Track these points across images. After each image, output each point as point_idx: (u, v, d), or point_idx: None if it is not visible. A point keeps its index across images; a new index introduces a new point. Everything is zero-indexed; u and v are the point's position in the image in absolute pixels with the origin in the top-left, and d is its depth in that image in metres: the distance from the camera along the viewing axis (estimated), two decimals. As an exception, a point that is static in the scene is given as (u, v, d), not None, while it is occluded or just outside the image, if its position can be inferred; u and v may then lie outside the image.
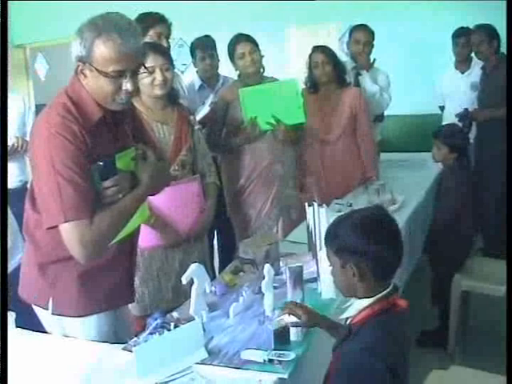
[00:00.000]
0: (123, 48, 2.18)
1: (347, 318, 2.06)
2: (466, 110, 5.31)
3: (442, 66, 6.19)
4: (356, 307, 1.99)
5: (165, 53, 3.36)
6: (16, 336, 2.48)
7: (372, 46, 5.28)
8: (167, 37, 3.87)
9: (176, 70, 3.98)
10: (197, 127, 3.52)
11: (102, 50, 2.17)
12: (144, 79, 3.07)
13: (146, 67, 2.37)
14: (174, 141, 3.32)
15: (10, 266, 3.14)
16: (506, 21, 4.76)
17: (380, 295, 1.95)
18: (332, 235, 2.00)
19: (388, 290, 1.96)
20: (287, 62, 7.02)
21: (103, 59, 2.18)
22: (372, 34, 5.27)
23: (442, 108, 6.20)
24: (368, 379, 1.85)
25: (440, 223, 3.99)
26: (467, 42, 5.64)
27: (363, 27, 5.30)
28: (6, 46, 3.53)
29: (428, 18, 6.51)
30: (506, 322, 2.67)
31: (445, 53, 6.03)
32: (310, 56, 4.62)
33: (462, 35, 5.70)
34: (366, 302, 1.96)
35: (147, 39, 3.75)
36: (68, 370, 2.21)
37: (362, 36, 5.25)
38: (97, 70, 2.19)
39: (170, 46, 3.98)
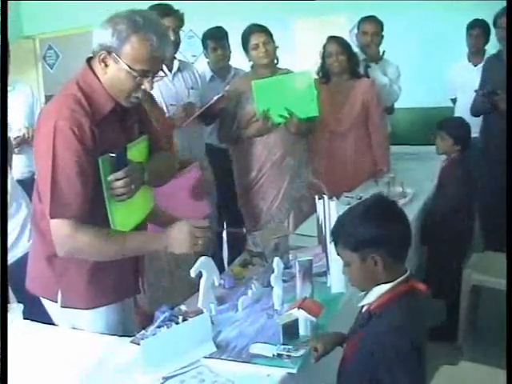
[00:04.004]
0: (157, 51, 2.21)
1: (362, 307, 2.07)
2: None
3: (453, 59, 6.14)
4: (375, 293, 2.00)
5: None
6: (23, 328, 2.49)
7: (381, 37, 5.25)
8: (175, 29, 3.82)
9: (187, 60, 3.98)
10: None
11: (136, 47, 2.17)
12: None
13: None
14: None
15: (15, 255, 3.15)
16: (506, 21, 4.69)
17: (399, 280, 1.97)
18: (343, 234, 2.02)
19: (406, 274, 1.99)
20: (298, 54, 6.98)
21: (134, 56, 2.19)
22: (380, 25, 5.23)
23: (453, 100, 6.16)
24: (394, 357, 1.86)
25: (439, 215, 3.99)
26: (481, 33, 5.59)
27: (371, 18, 5.26)
28: (6, 45, 3.52)
29: (438, 10, 6.47)
30: (506, 316, 2.65)
31: (456, 45, 5.98)
32: (325, 46, 4.59)
33: (476, 27, 5.64)
34: (386, 287, 1.97)
35: None
36: (76, 363, 2.20)
37: (370, 27, 5.22)
38: (125, 64, 2.19)
39: (179, 39, 3.94)
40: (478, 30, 5.64)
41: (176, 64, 3.95)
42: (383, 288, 1.98)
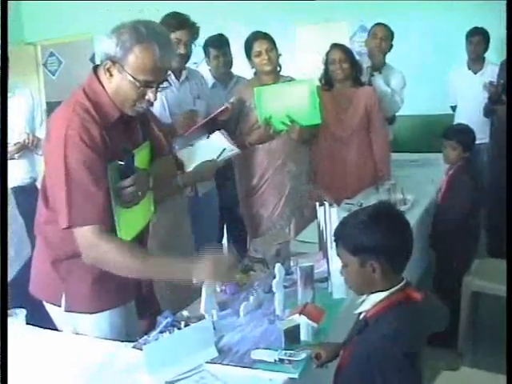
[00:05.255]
0: (160, 61, 2.22)
1: (360, 313, 2.07)
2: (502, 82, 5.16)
3: (453, 67, 6.16)
4: (371, 301, 2.00)
5: None
6: (26, 333, 2.49)
7: (390, 45, 5.29)
8: (187, 43, 3.79)
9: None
10: None
11: (140, 57, 2.19)
12: None
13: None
14: None
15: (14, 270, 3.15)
16: (506, 21, 4.70)
17: (395, 288, 1.97)
18: (345, 236, 2.03)
19: (403, 283, 1.99)
20: (298, 61, 7.00)
21: (137, 66, 2.20)
22: (391, 32, 5.29)
23: (453, 108, 6.18)
24: (386, 365, 1.87)
25: (451, 221, 3.97)
26: (481, 41, 5.61)
27: (383, 25, 5.33)
28: (6, 46, 3.53)
29: (439, 18, 6.50)
30: (506, 321, 2.66)
31: (456, 53, 6.01)
32: (328, 53, 4.61)
33: (475, 34, 5.67)
34: (382, 295, 1.98)
35: None
36: (78, 368, 2.21)
37: (380, 31, 5.28)
38: (129, 74, 2.21)
39: (190, 52, 3.88)
40: (477, 37, 5.67)
41: (184, 73, 3.93)
42: (379, 296, 1.98)
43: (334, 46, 4.63)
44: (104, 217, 2.22)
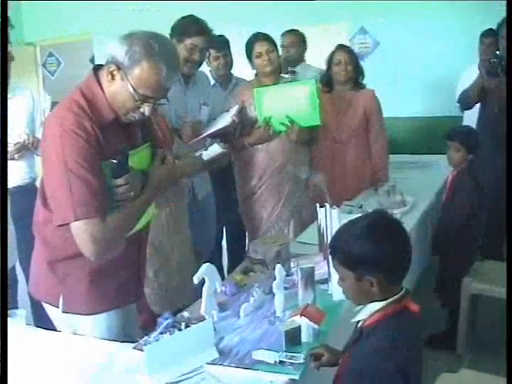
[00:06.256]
0: (164, 81, 2.24)
1: (358, 322, 2.06)
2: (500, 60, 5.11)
3: (457, 67, 6.14)
4: (368, 311, 1.98)
5: None
6: (26, 333, 2.50)
7: (303, 48, 5.64)
8: (202, 50, 3.78)
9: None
10: None
11: (145, 72, 2.20)
12: None
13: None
14: None
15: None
16: (506, 21, 4.69)
17: (393, 298, 1.94)
18: (340, 251, 1.98)
19: (401, 293, 1.96)
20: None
21: (141, 81, 2.21)
22: (301, 36, 5.68)
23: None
24: (378, 380, 1.85)
25: (455, 225, 3.95)
26: (493, 43, 5.59)
27: (290, 31, 5.72)
28: (6, 46, 3.52)
29: (438, 19, 6.48)
30: (507, 324, 2.66)
31: (466, 54, 5.99)
32: (333, 54, 4.61)
33: (489, 36, 5.65)
34: (379, 305, 1.95)
35: (181, 48, 3.67)
36: (78, 369, 2.21)
37: (287, 38, 5.66)
38: (130, 85, 2.22)
39: (203, 59, 3.91)
40: (490, 38, 5.64)
41: (194, 79, 3.92)
42: (376, 306, 1.95)
43: (340, 47, 4.64)
44: (104, 209, 2.21)
